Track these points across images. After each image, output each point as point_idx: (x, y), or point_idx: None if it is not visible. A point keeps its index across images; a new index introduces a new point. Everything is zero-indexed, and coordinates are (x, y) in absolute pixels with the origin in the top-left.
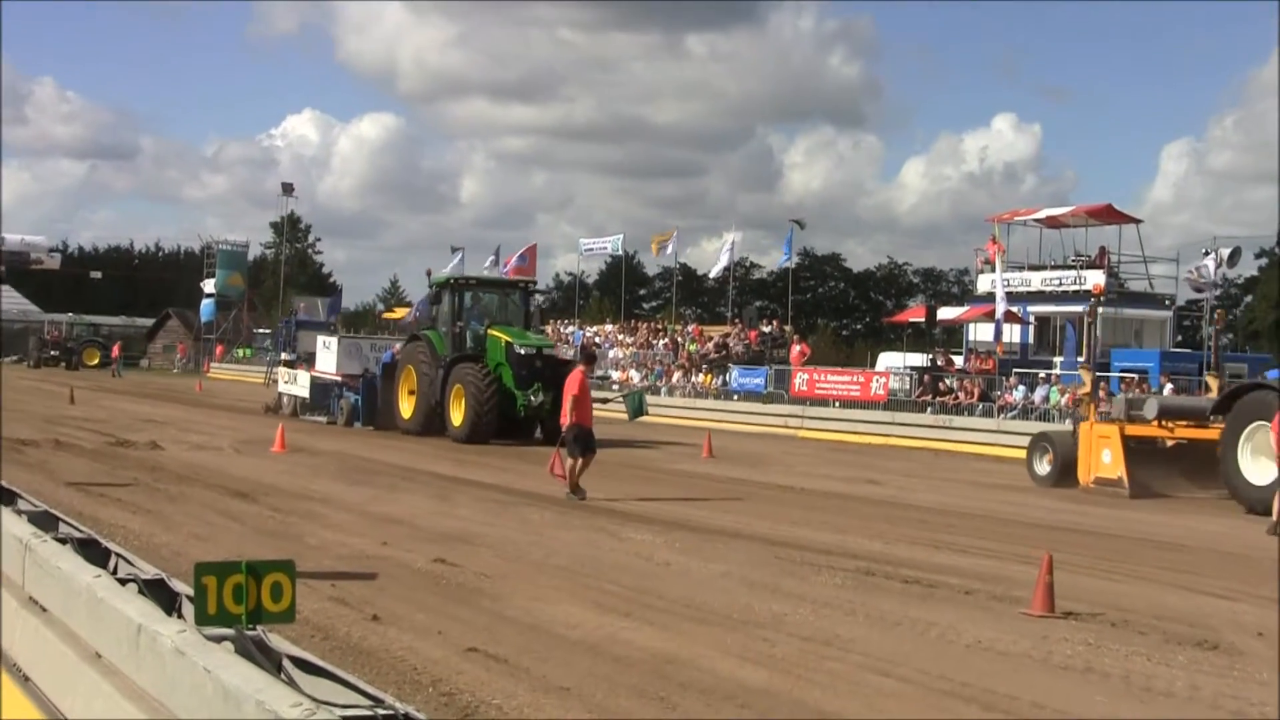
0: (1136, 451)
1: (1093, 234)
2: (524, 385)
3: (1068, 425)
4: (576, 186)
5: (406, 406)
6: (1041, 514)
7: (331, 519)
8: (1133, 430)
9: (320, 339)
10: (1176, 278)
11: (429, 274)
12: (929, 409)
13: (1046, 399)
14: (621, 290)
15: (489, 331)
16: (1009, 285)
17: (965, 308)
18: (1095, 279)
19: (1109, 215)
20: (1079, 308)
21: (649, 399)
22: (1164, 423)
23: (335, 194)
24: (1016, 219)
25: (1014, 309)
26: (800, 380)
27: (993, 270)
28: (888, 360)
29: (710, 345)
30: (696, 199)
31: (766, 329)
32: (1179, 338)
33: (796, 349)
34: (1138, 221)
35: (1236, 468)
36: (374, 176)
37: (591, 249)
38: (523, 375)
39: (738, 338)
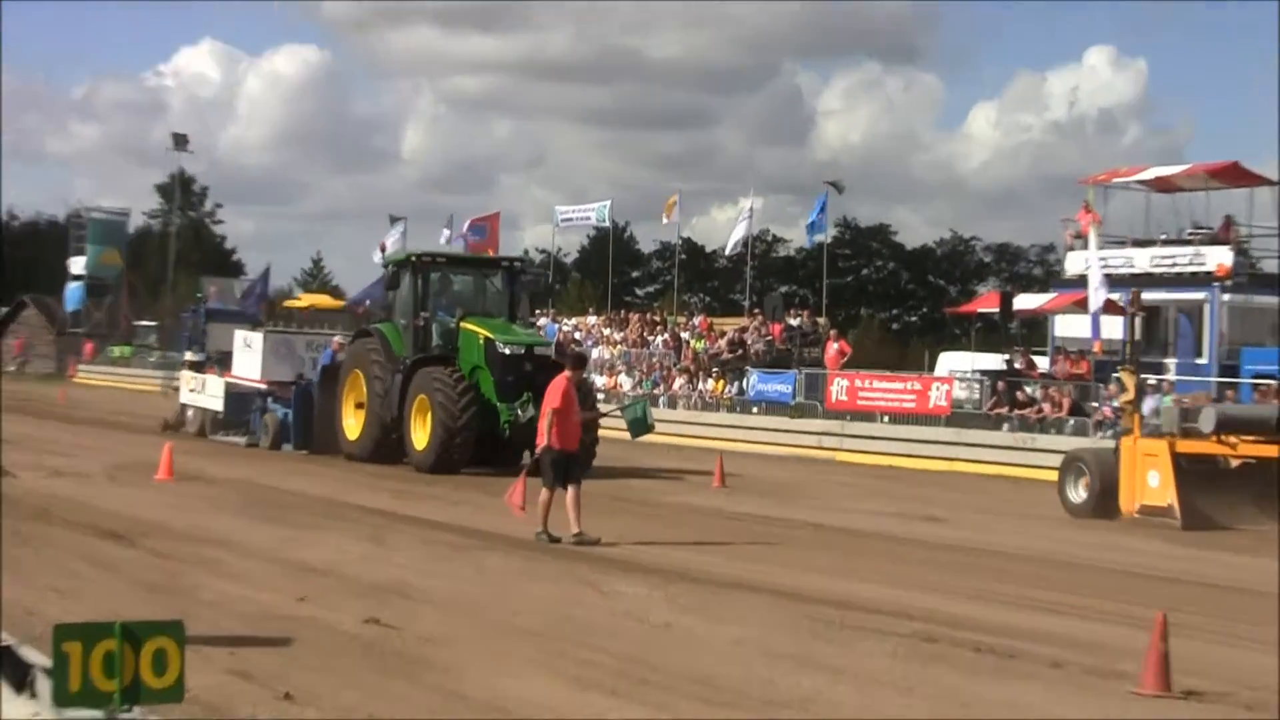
0: (1191, 473)
1: (1215, 200)
2: (509, 396)
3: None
4: (551, 139)
5: (353, 424)
6: (1142, 559)
7: (233, 567)
8: (1185, 446)
9: (239, 334)
10: None
11: (383, 249)
12: (1005, 425)
13: (1156, 412)
14: (608, 272)
15: (462, 325)
16: (1107, 266)
17: (1051, 295)
18: (1219, 257)
19: (1236, 175)
20: (1199, 294)
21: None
22: (1223, 437)
23: (240, 148)
24: (1116, 181)
25: (1114, 296)
26: (839, 388)
27: (1086, 247)
28: (951, 362)
29: (723, 343)
30: (705, 156)
31: (795, 322)
32: None
33: (834, 348)
34: (1273, 183)
35: None
36: (291, 125)
37: (570, 219)
38: (508, 382)
39: (758, 333)
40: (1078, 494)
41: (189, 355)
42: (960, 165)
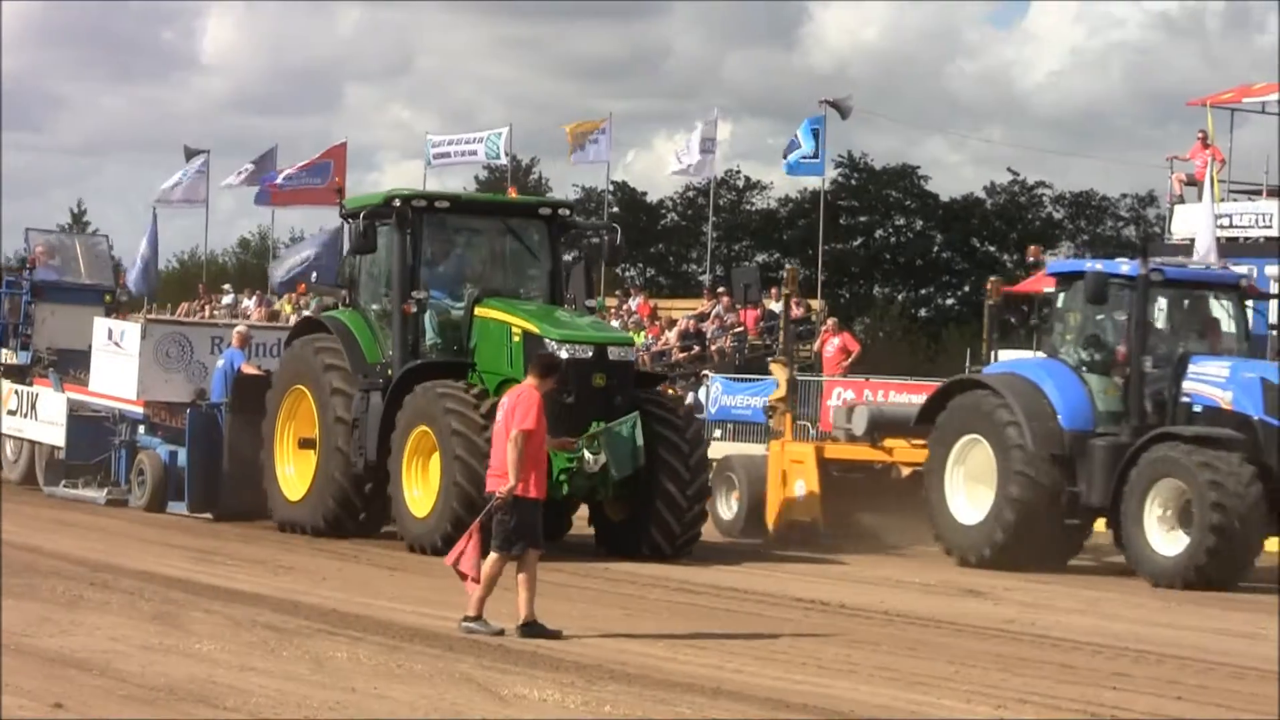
0: (847, 483)
1: None
2: (567, 428)
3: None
4: (420, 35)
5: (294, 474)
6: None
7: None
8: (835, 451)
9: (102, 325)
10: None
11: (340, 193)
12: None
13: None
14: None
15: (480, 311)
16: (1231, 226)
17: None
18: None
19: None
20: None
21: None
22: (879, 440)
23: None
24: (1247, 101)
25: (1243, 270)
26: (841, 403)
27: (1201, 198)
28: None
29: (671, 336)
30: (647, 62)
31: (777, 306)
32: None
33: (834, 344)
34: None
35: (942, 499)
36: (42, 16)
37: (448, 154)
38: (564, 406)
39: (721, 322)
40: (729, 508)
41: (4, 356)
42: (1019, 79)
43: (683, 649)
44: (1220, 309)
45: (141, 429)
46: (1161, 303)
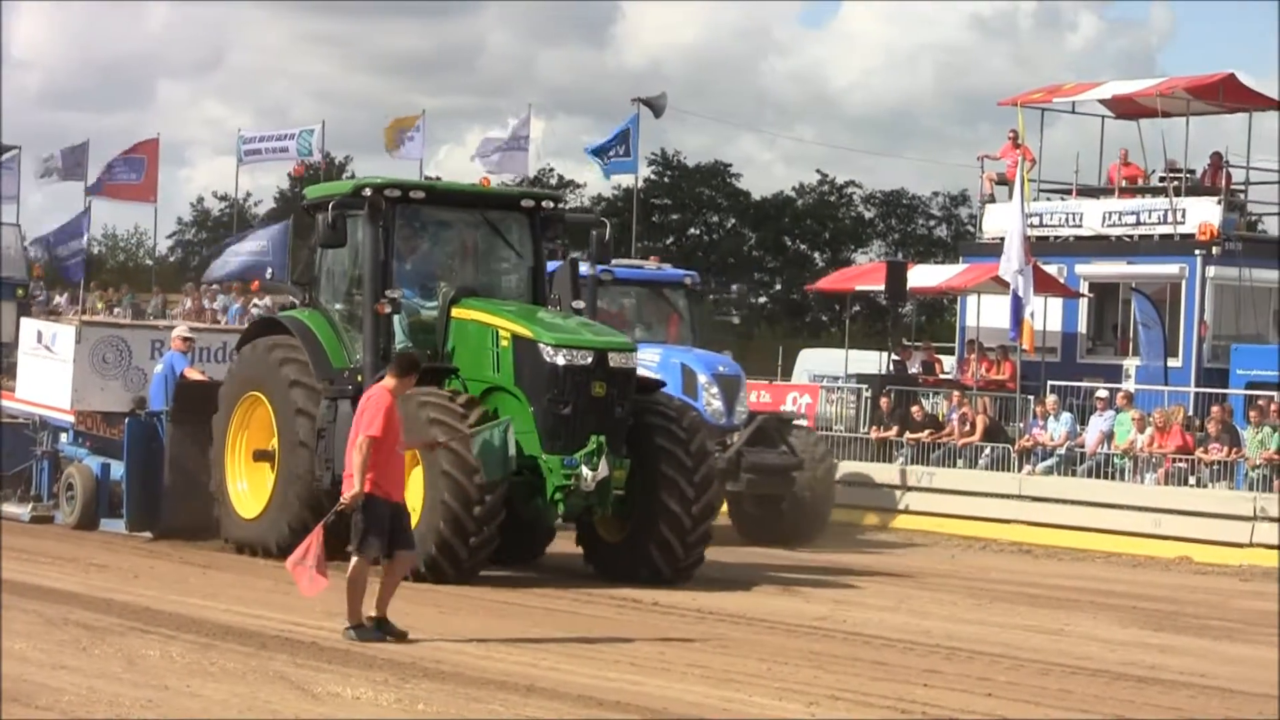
0: None
1: (1200, 129)
2: (564, 441)
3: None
4: (232, 30)
5: (247, 490)
6: (1098, 650)
7: None
8: None
9: (30, 326)
10: None
11: (299, 178)
12: (897, 454)
13: (1110, 437)
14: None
15: (457, 312)
16: (1042, 225)
17: (960, 266)
18: (1202, 214)
19: (1231, 94)
20: (1171, 266)
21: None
22: None
23: None
24: (1058, 101)
25: (1051, 269)
26: None
27: (1011, 197)
28: (815, 363)
29: None
30: (460, 58)
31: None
32: None
33: None
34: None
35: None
36: None
37: (260, 150)
38: (562, 417)
39: None
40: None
41: None
42: (831, 77)
43: (497, 647)
44: (671, 304)
45: (64, 438)
46: (626, 298)
